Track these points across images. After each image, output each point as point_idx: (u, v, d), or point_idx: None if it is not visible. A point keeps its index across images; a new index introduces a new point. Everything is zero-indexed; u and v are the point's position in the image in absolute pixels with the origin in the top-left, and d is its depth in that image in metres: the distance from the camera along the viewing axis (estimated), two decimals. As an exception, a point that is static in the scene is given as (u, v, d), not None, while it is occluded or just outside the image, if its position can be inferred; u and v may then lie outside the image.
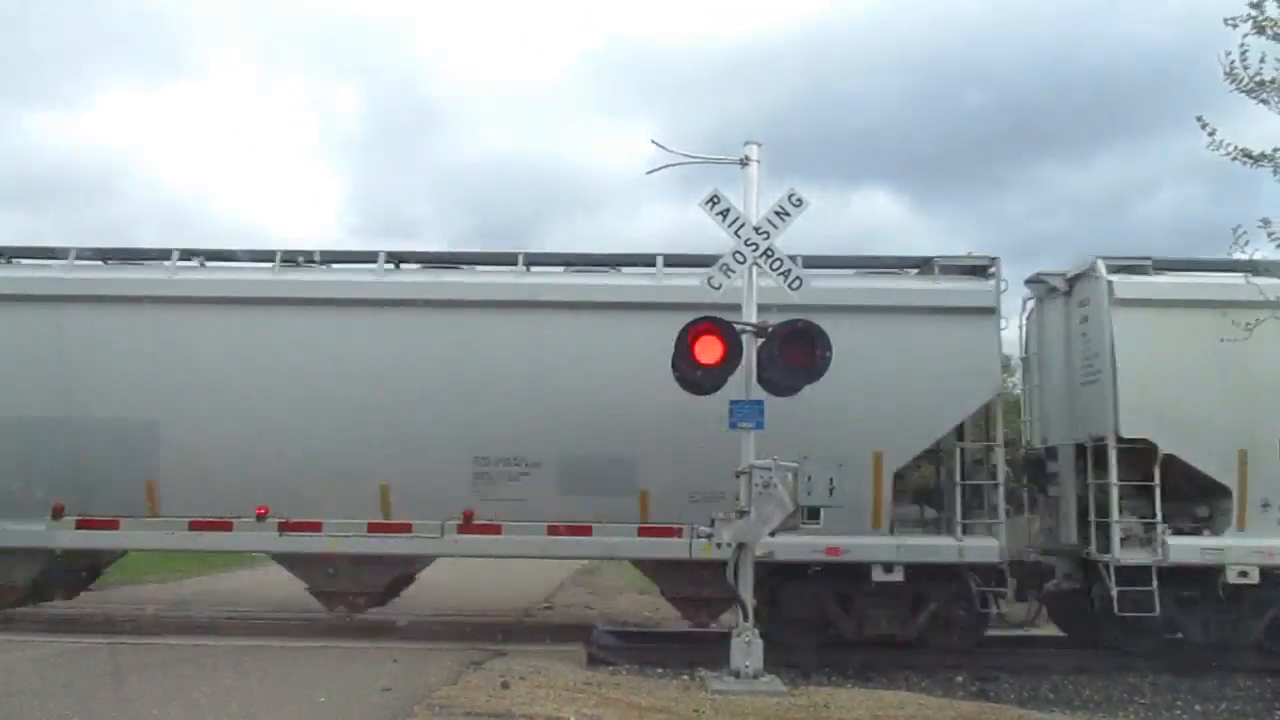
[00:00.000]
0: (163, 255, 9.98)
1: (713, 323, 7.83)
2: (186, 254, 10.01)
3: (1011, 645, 10.08)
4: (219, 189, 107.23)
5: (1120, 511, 9.37)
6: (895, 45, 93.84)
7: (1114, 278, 9.71)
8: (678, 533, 9.17)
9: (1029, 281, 10.98)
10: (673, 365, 7.99)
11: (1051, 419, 10.78)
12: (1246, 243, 7.93)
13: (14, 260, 10.17)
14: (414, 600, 12.72)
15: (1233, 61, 7.30)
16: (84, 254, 9.99)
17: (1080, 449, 10.00)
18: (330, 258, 10.13)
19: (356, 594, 9.77)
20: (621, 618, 12.26)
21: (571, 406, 9.33)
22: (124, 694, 6.65)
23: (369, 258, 9.96)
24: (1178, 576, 9.33)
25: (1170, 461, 9.40)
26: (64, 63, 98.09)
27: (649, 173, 8.64)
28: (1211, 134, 7.38)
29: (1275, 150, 7.28)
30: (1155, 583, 9.11)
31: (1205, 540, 9.47)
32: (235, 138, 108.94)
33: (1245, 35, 7.21)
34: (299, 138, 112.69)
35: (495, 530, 9.37)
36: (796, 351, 7.89)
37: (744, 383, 8.00)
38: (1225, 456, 9.40)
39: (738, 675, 7.62)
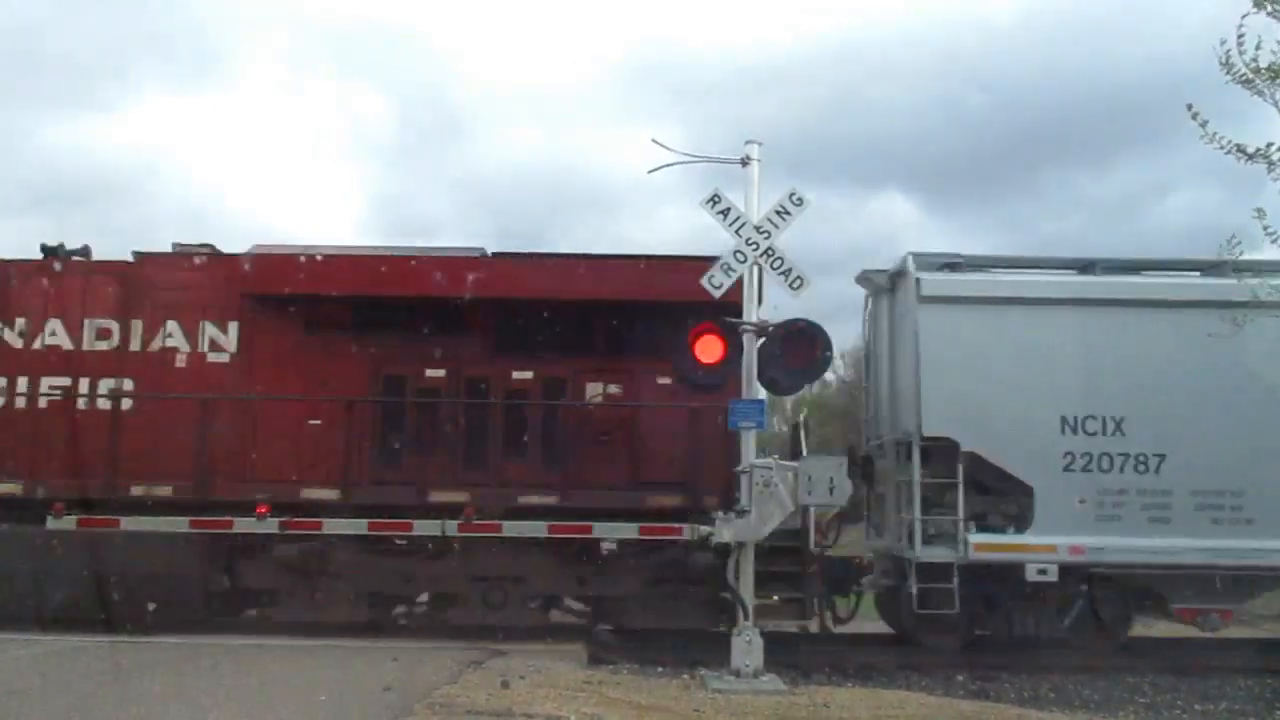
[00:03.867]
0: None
1: (713, 322, 7.86)
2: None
3: (1012, 645, 10.06)
4: (239, 191, 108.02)
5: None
6: (921, 54, 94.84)
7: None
8: (678, 531, 9.18)
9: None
10: (673, 364, 8.02)
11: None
12: (1241, 253, 7.89)
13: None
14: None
15: (1228, 51, 7.01)
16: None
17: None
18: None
19: None
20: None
21: None
22: (124, 692, 6.66)
23: None
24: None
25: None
26: (97, 68, 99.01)
27: (650, 171, 8.63)
28: (1203, 125, 7.22)
29: (1269, 146, 7.13)
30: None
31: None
32: (259, 141, 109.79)
33: (1244, 15, 6.87)
34: (323, 140, 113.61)
35: (495, 529, 9.39)
36: (797, 351, 7.90)
37: (745, 382, 8.02)
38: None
39: (738, 674, 7.63)
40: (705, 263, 8.30)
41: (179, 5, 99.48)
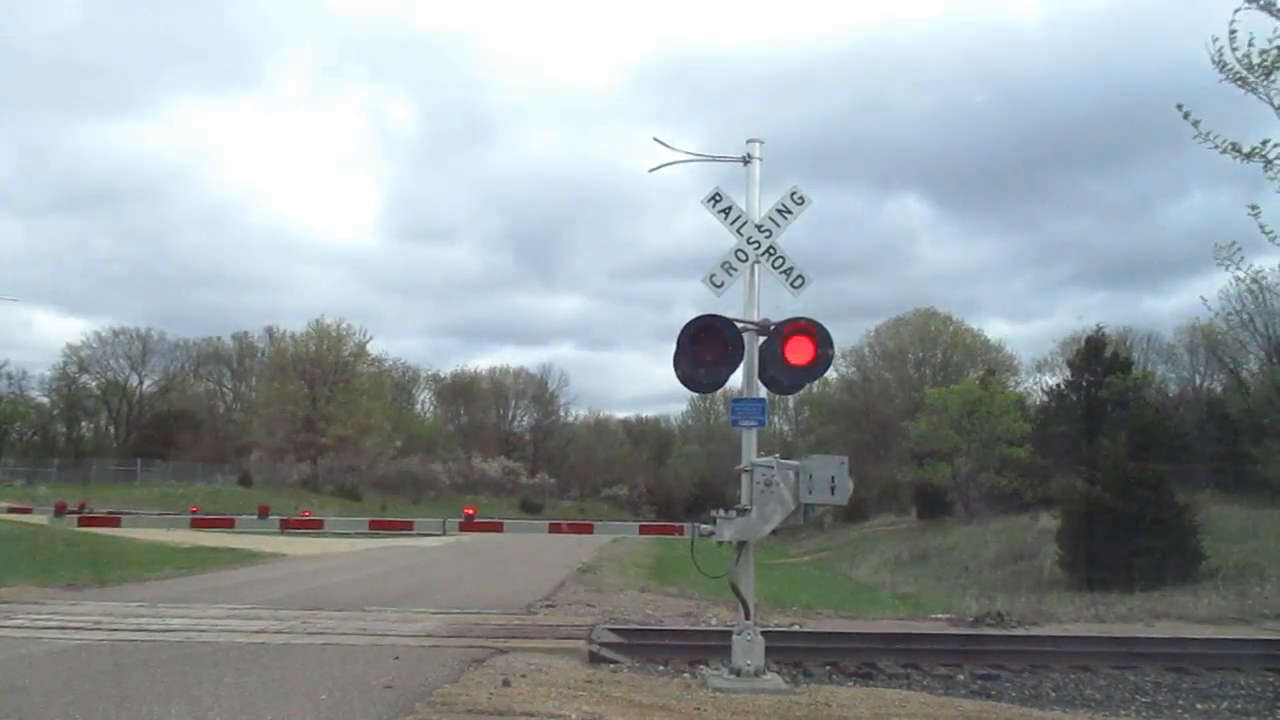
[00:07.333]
0: None
1: (714, 320, 7.86)
2: None
3: (1013, 643, 10.05)
4: (259, 194, 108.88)
5: None
6: (941, 57, 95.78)
7: None
8: (679, 530, 9.20)
9: None
10: (674, 363, 8.02)
11: None
12: (1242, 258, 7.78)
13: None
14: (417, 598, 12.74)
15: (1221, 48, 6.86)
16: None
17: None
18: None
19: None
20: (623, 616, 12.26)
21: None
22: (125, 691, 6.66)
23: None
24: None
25: None
26: (127, 72, 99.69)
27: (650, 170, 8.63)
28: (1195, 124, 7.12)
29: (1266, 144, 7.03)
30: None
31: None
32: (283, 144, 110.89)
33: (1237, 10, 6.80)
34: (346, 141, 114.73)
35: (496, 528, 9.42)
36: (798, 349, 7.90)
37: (746, 381, 8.02)
38: None
39: (739, 673, 7.62)
40: None
41: (209, 9, 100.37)
